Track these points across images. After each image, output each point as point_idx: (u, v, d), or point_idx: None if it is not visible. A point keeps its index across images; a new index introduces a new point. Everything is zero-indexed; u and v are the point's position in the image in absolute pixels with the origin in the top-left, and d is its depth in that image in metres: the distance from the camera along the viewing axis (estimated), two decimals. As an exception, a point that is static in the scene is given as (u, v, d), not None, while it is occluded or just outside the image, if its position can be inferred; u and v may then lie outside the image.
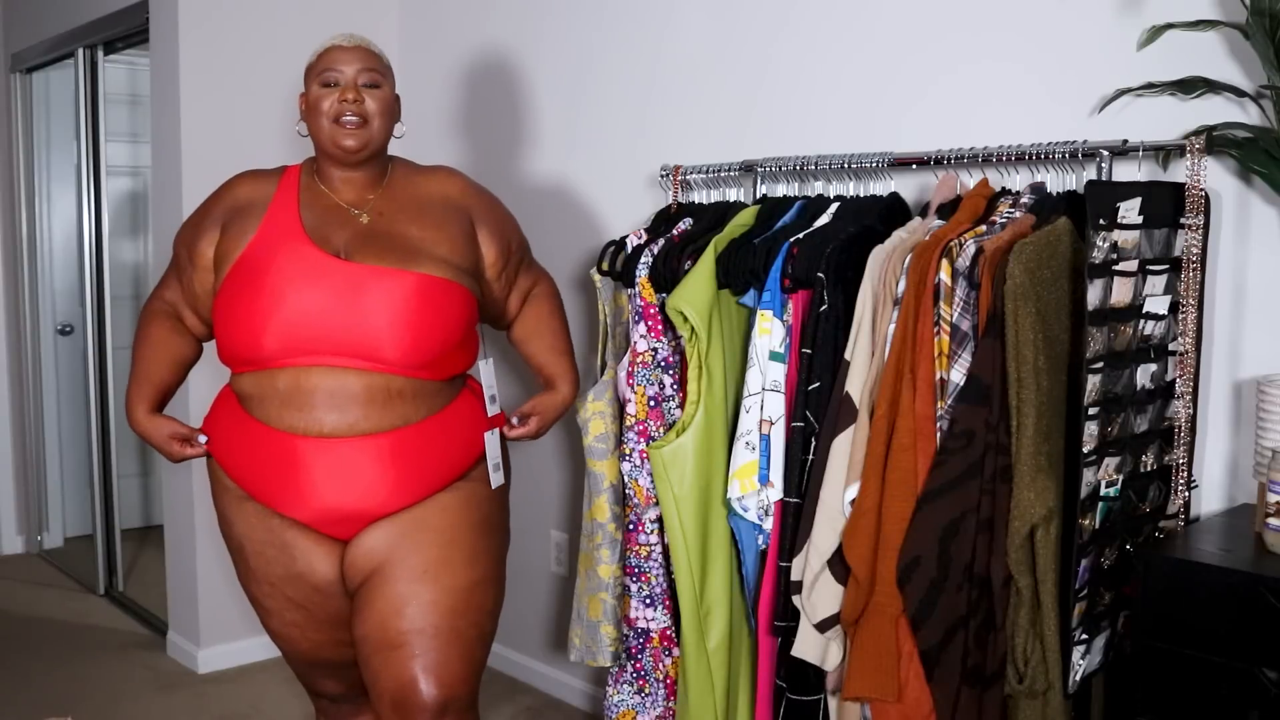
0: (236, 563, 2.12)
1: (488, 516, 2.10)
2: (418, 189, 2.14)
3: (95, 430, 4.30)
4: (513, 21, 3.38)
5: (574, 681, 3.34)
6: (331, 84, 2.04)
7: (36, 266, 4.66)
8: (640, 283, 2.43)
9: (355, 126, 2.03)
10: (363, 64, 2.05)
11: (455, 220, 2.12)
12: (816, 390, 2.13)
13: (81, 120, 4.20)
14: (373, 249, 2.00)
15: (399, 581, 1.97)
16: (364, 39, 2.10)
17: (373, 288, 1.95)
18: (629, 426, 2.42)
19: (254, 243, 2.00)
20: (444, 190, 2.16)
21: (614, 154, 3.11)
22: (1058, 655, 1.87)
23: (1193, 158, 1.91)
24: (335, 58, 2.05)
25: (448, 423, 2.05)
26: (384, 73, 2.09)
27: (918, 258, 1.98)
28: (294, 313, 1.93)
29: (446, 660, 1.97)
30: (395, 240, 2.02)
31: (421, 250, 2.02)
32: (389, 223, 2.06)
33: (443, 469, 2.04)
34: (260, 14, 3.52)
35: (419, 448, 2.00)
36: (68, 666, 3.60)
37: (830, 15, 2.59)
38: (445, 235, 2.08)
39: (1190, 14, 1.97)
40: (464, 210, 2.15)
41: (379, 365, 1.95)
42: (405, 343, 1.95)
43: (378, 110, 2.05)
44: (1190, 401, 1.98)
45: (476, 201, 2.19)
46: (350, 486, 1.96)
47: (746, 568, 2.31)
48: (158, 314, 2.15)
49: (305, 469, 1.96)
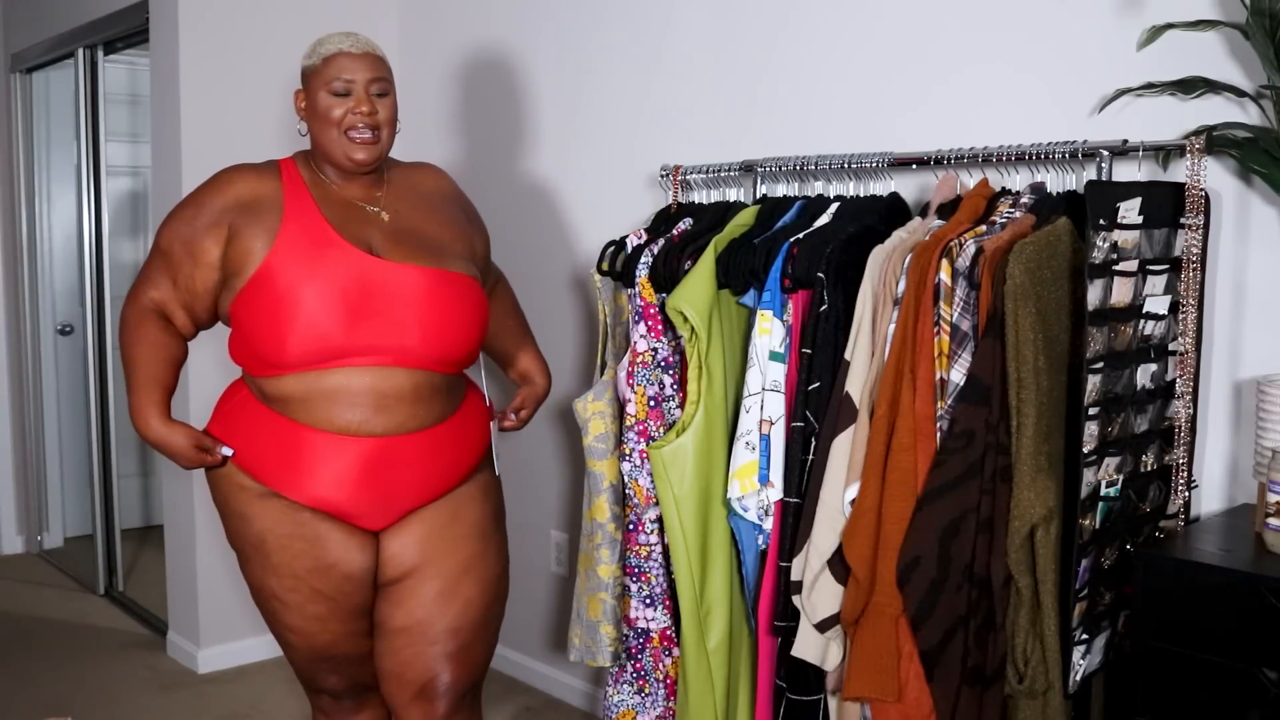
0: (254, 559, 2.08)
1: (499, 504, 2.23)
2: (415, 185, 2.17)
3: (95, 430, 4.30)
4: (513, 21, 3.38)
5: (574, 681, 3.34)
6: (342, 93, 2.02)
7: (36, 266, 4.66)
8: (640, 283, 2.43)
9: (368, 141, 2.03)
10: (374, 73, 2.04)
11: (458, 216, 2.19)
12: (816, 390, 2.13)
13: (81, 120, 4.20)
14: (403, 247, 2.03)
15: (442, 579, 2.09)
16: (369, 42, 2.08)
17: (411, 286, 1.98)
18: (629, 426, 2.42)
19: (282, 245, 1.96)
20: (439, 186, 2.22)
21: (614, 154, 3.11)
22: (1058, 655, 1.87)
23: (1193, 158, 1.91)
24: (344, 65, 2.02)
25: (468, 415, 2.14)
26: (391, 79, 2.09)
27: (918, 258, 1.98)
28: (348, 315, 1.94)
29: (474, 649, 2.13)
30: (419, 237, 2.07)
31: (443, 247, 2.08)
32: (406, 220, 2.09)
33: (468, 460, 2.13)
34: (260, 14, 3.52)
35: (454, 440, 2.09)
36: (68, 666, 3.60)
37: (830, 15, 2.59)
38: (457, 232, 2.15)
39: (1190, 14, 1.97)
40: (459, 205, 2.22)
41: (420, 363, 2.00)
42: (445, 340, 2.01)
43: (387, 119, 2.06)
44: (1190, 401, 1.98)
45: (461, 196, 2.26)
46: (398, 481, 2.03)
47: (746, 568, 2.31)
48: (148, 314, 2.08)
49: (355, 466, 1.99)
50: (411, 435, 2.02)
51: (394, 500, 2.05)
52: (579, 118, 3.21)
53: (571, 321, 3.26)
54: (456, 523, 2.11)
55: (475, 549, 2.12)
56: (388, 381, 1.98)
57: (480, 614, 2.14)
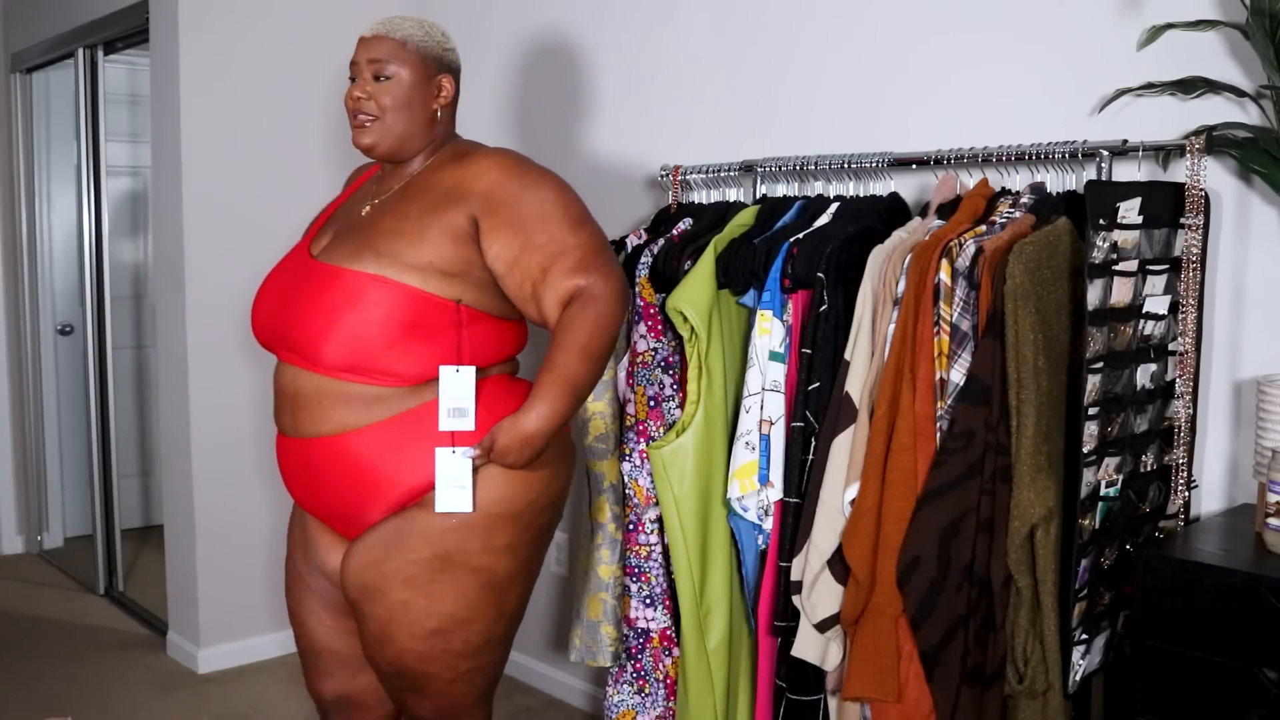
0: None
1: (451, 553, 1.91)
2: (442, 178, 1.98)
3: (95, 430, 4.29)
4: (511, 21, 3.38)
5: (574, 681, 3.34)
6: (351, 78, 2.02)
7: (36, 266, 4.65)
8: (640, 283, 2.43)
9: (365, 124, 1.98)
10: (375, 54, 1.96)
11: (444, 212, 1.92)
12: (816, 390, 2.13)
13: (81, 120, 4.20)
14: (340, 244, 1.94)
15: (374, 621, 1.96)
16: (394, 23, 1.99)
17: (311, 285, 1.91)
18: (629, 426, 2.42)
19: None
20: (463, 178, 1.96)
21: (614, 154, 3.11)
22: (1058, 655, 1.87)
23: (1193, 158, 1.91)
24: (357, 49, 2.01)
25: (395, 434, 1.89)
26: (402, 60, 1.96)
27: (918, 258, 1.98)
28: (258, 307, 1.99)
29: (433, 687, 2.00)
30: (365, 235, 1.93)
31: (376, 245, 1.90)
32: (379, 214, 1.97)
33: (396, 480, 1.91)
34: (260, 14, 3.52)
35: (367, 456, 1.89)
36: (68, 666, 3.60)
37: (831, 15, 2.59)
38: (418, 228, 1.91)
39: (1190, 14, 1.97)
40: (466, 201, 1.93)
41: (316, 366, 1.89)
42: (326, 343, 1.86)
43: (390, 104, 1.96)
44: (1190, 401, 1.98)
45: (499, 191, 1.93)
46: (320, 486, 1.96)
47: (746, 568, 2.31)
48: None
49: (286, 467, 2.02)
50: (321, 440, 1.91)
51: (326, 507, 1.98)
52: (579, 117, 3.20)
53: (571, 321, 3.26)
54: (388, 562, 1.91)
55: (400, 598, 1.90)
56: (297, 381, 1.93)
57: (419, 665, 1.95)
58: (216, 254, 3.48)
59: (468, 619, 1.94)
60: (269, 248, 3.18)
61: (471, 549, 1.92)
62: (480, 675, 2.03)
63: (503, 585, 1.97)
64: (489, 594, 1.95)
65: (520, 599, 2.03)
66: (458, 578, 1.92)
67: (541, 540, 2.03)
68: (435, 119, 2.03)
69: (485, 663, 2.02)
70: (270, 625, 3.67)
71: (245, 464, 3.59)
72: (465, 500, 1.88)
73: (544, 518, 2.01)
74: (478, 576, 1.93)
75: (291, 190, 3.58)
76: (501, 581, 1.97)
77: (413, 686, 2.00)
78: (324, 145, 3.66)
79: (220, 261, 3.49)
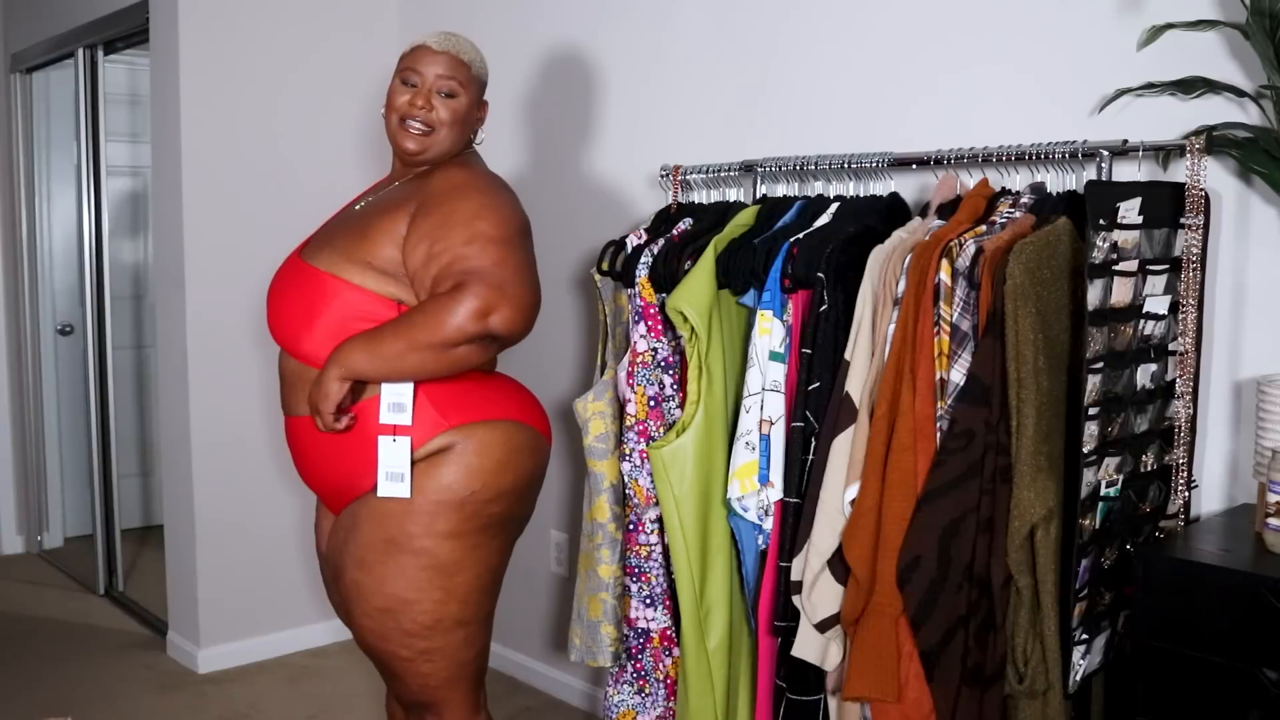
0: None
1: (395, 537, 1.98)
2: (418, 185, 2.06)
3: (95, 430, 4.29)
4: (511, 22, 3.38)
5: (574, 681, 3.34)
6: (410, 84, 2.07)
7: (36, 266, 4.66)
8: (640, 283, 2.43)
9: (419, 133, 2.07)
10: (445, 70, 2.06)
11: (393, 213, 2.01)
12: (816, 390, 2.13)
13: (81, 120, 4.20)
14: (318, 241, 2.09)
15: (341, 598, 2.10)
16: (458, 42, 2.10)
17: (290, 280, 2.08)
18: (629, 426, 2.42)
19: None
20: (424, 185, 2.05)
21: (614, 154, 3.11)
22: (1058, 655, 1.87)
23: (1193, 158, 1.91)
24: (419, 58, 2.07)
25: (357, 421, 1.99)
26: (466, 82, 2.08)
27: (918, 258, 1.98)
28: (270, 299, 2.12)
29: (400, 671, 2.08)
30: (343, 234, 2.06)
31: (335, 242, 2.04)
32: (359, 216, 2.09)
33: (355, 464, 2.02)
34: (260, 14, 3.52)
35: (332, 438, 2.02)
36: (68, 666, 3.60)
37: (830, 15, 2.59)
38: (374, 228, 2.01)
39: (1190, 14, 1.97)
40: (412, 203, 2.01)
41: (295, 354, 2.06)
42: (298, 332, 2.03)
43: (448, 119, 2.07)
44: (1190, 401, 1.98)
45: (439, 195, 2.00)
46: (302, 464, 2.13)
47: (746, 568, 2.31)
48: None
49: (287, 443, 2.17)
50: (305, 419, 2.06)
51: (317, 483, 2.12)
52: (579, 118, 3.20)
53: (572, 322, 3.26)
54: (346, 544, 2.05)
55: (352, 578, 2.03)
56: (285, 364, 2.09)
57: (377, 642, 2.05)
58: (216, 254, 3.49)
59: (412, 599, 2.00)
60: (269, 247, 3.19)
61: (413, 532, 1.99)
62: (442, 656, 2.05)
63: (448, 569, 2.01)
64: (431, 575, 2.00)
65: (474, 585, 2.05)
66: (400, 560, 2.00)
67: (494, 530, 2.05)
68: (464, 142, 2.14)
69: (443, 644, 2.04)
70: (270, 625, 3.68)
71: (245, 464, 3.59)
72: (404, 487, 1.97)
73: (493, 509, 2.03)
74: (418, 559, 2.00)
75: (292, 190, 3.59)
76: (446, 565, 2.01)
77: (382, 667, 2.12)
78: (324, 144, 3.66)
79: (220, 261, 3.49)
